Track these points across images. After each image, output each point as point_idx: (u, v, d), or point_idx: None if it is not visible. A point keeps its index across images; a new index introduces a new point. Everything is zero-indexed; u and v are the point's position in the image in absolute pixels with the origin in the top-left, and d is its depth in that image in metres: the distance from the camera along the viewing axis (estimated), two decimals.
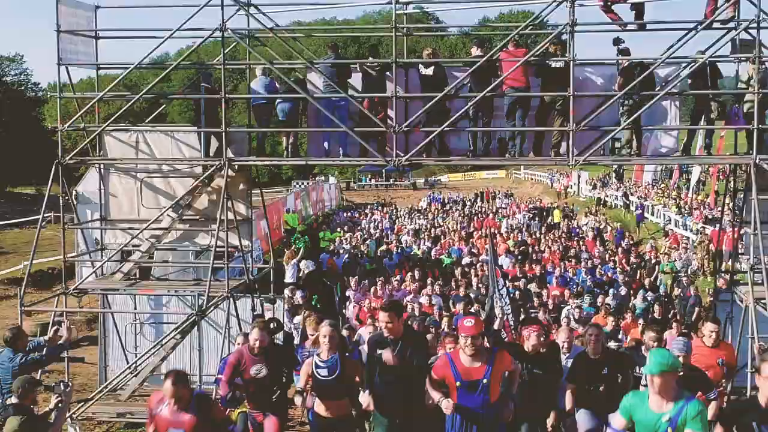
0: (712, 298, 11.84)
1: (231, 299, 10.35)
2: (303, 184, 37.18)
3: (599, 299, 13.46)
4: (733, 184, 10.62)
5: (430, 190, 46.10)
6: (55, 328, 8.38)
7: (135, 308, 11.65)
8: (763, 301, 8.91)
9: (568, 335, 7.57)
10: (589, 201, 37.02)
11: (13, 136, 53.32)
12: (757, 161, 8.95)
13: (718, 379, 7.17)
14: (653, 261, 19.63)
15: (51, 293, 19.34)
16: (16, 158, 52.52)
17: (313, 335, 7.15)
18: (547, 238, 24.03)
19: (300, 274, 15.73)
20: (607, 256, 19.49)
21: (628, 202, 31.17)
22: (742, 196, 10.09)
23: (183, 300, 11.50)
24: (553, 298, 13.35)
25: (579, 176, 40.18)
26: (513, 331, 7.51)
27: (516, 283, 14.64)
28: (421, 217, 30.55)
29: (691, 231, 23.17)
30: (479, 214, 31.00)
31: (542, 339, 6.79)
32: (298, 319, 12.00)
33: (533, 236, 24.14)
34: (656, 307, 13.00)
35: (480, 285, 14.84)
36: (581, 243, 23.08)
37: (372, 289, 14.13)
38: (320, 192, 37.26)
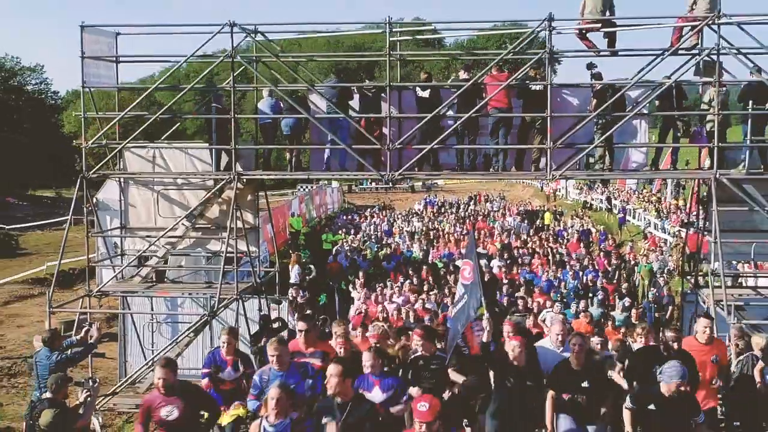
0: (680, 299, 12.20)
1: (240, 300, 10.55)
2: (307, 188, 37.33)
3: (581, 304, 13.30)
4: (698, 195, 10.96)
5: (427, 193, 46.14)
6: (86, 328, 8.74)
7: (152, 309, 11.77)
8: (722, 302, 9.27)
9: (561, 328, 7.10)
10: (576, 204, 37.17)
11: (33, 142, 53.37)
12: (717, 176, 9.31)
13: (714, 375, 6.89)
14: (632, 262, 19.94)
15: (72, 292, 19.63)
16: (36, 163, 52.63)
17: (273, 356, 6.27)
18: (533, 239, 24.18)
19: (303, 276, 16.01)
20: (586, 260, 19.36)
21: (611, 206, 31.37)
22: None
23: (196, 301, 11.60)
24: (537, 305, 12.80)
25: (567, 180, 40.31)
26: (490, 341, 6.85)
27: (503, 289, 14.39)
28: (417, 219, 30.40)
29: (669, 234, 23.38)
30: (471, 217, 30.93)
31: (523, 353, 6.36)
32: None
33: (520, 238, 24.08)
34: (633, 311, 12.93)
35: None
36: (565, 245, 23.16)
37: (373, 296, 13.99)
38: (323, 195, 37.27)
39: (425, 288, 15.14)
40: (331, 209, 37.16)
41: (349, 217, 33.03)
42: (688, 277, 11.57)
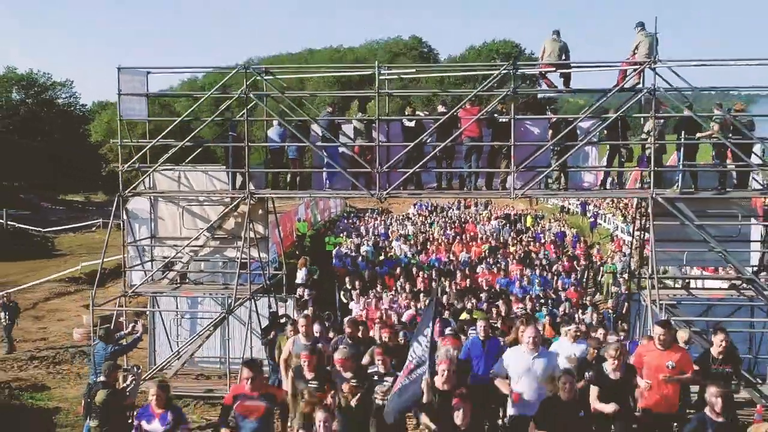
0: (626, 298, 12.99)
1: (252, 300, 11.19)
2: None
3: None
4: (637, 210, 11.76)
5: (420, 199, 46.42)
6: (132, 324, 9.68)
7: (177, 307, 12.35)
8: (659, 301, 10.08)
9: (534, 332, 6.64)
10: (555, 208, 37.88)
11: (63, 151, 54.03)
12: (653, 195, 10.14)
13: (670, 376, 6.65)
14: (598, 263, 20.76)
15: (104, 289, 20.29)
16: (65, 169, 53.26)
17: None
18: (515, 240, 24.81)
19: (308, 277, 16.66)
20: (557, 264, 19.74)
21: (585, 211, 31.98)
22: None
23: (215, 300, 12.10)
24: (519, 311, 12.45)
25: None
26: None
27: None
28: (411, 223, 30.43)
29: (633, 237, 23.97)
30: (459, 220, 31.13)
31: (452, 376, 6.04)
32: (306, 313, 12.92)
33: (499, 241, 24.49)
34: (595, 315, 13.30)
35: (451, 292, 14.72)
36: (543, 246, 23.75)
37: (372, 302, 14.35)
38: (327, 200, 37.80)
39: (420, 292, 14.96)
40: (334, 213, 37.57)
41: (351, 220, 33.05)
42: (634, 279, 12.43)
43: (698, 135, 10.30)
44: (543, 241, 25.38)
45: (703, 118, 10.22)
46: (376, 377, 6.65)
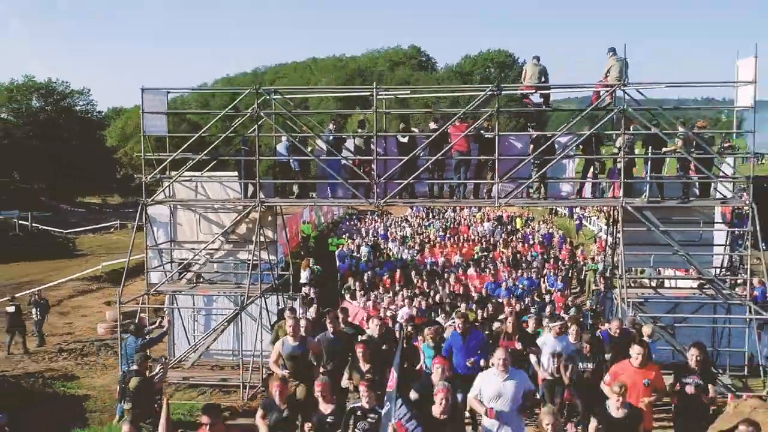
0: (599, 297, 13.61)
1: (262, 297, 11.82)
2: None
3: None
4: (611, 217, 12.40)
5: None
6: (159, 320, 10.34)
7: (193, 304, 12.91)
8: (628, 299, 10.69)
9: (503, 355, 6.32)
10: (545, 210, 38.28)
11: (80, 155, 54.58)
12: (623, 204, 10.75)
13: (647, 395, 6.69)
14: (581, 263, 21.36)
15: (124, 287, 20.86)
16: (82, 173, 53.82)
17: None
18: (505, 242, 25.27)
19: (312, 276, 17.25)
20: (546, 266, 19.97)
21: (572, 213, 32.33)
22: None
23: (228, 298, 12.56)
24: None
25: None
26: None
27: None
28: (408, 225, 30.56)
29: (606, 242, 24.25)
30: (454, 222, 31.32)
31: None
32: (311, 310, 13.20)
33: (491, 243, 24.84)
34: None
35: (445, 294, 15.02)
36: (531, 248, 24.19)
37: (371, 303, 14.34)
38: None
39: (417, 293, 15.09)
40: (337, 214, 37.86)
41: (352, 222, 33.09)
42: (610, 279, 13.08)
43: (664, 149, 10.97)
44: (532, 242, 25.76)
45: (668, 134, 10.89)
46: (359, 412, 6.04)
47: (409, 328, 10.34)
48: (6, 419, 5.44)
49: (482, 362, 8.04)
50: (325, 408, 6.26)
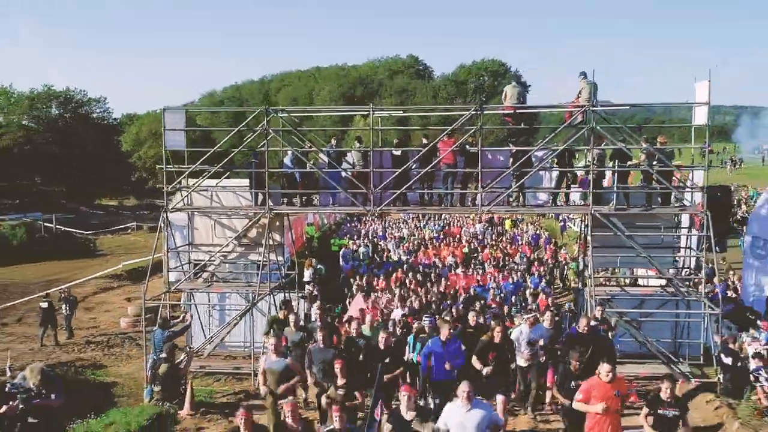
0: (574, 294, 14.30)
1: (271, 294, 12.50)
2: None
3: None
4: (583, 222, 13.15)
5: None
6: (183, 315, 11.08)
7: (209, 301, 13.58)
8: (596, 296, 11.42)
9: (467, 387, 6.21)
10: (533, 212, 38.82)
11: (98, 160, 55.24)
12: (591, 211, 11.47)
13: (617, 407, 6.91)
14: (563, 262, 22.08)
15: (143, 284, 21.44)
16: (100, 177, 54.52)
17: None
18: (494, 243, 25.98)
19: (315, 275, 17.91)
20: (532, 267, 20.38)
21: (558, 215, 32.83)
22: None
23: (240, 295, 13.14)
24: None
25: None
26: None
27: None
28: (405, 226, 31.12)
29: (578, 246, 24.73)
30: (449, 224, 31.91)
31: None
32: (315, 306, 13.98)
33: (481, 243, 25.39)
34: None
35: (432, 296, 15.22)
36: (519, 248, 24.80)
37: (370, 302, 14.43)
38: None
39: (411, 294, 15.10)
40: (339, 216, 38.24)
41: (353, 223, 33.46)
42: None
43: (629, 163, 11.68)
44: (520, 242, 26.34)
45: (633, 150, 11.66)
46: None
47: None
48: (64, 399, 6.09)
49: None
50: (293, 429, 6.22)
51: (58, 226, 32.16)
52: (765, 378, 9.06)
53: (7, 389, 5.91)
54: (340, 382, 7.22)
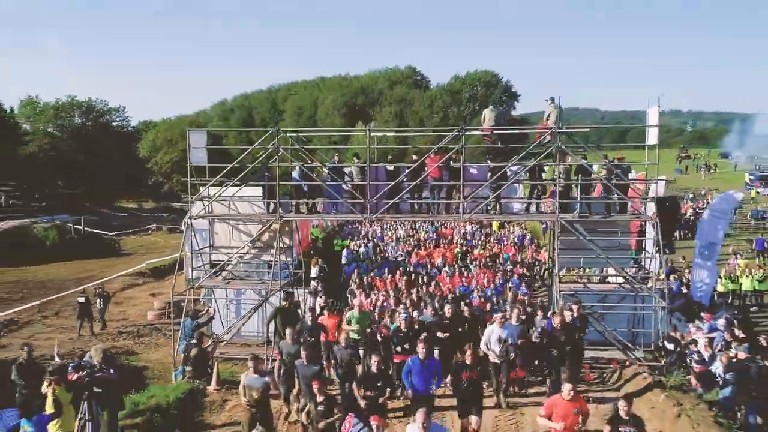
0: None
1: (281, 290, 13.26)
2: None
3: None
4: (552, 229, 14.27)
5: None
6: (207, 308, 12.13)
7: (227, 296, 14.55)
8: (561, 292, 12.57)
9: (423, 417, 6.25)
10: None
11: (117, 165, 56.45)
12: (558, 219, 12.64)
13: (577, 422, 7.06)
14: (543, 261, 23.06)
15: (165, 281, 22.51)
16: (119, 181, 55.66)
17: None
18: (483, 243, 26.89)
19: (320, 272, 18.84)
20: (514, 269, 20.73)
21: None
22: None
23: (254, 291, 14.02)
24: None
25: None
26: None
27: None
28: (402, 228, 31.34)
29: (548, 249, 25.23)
30: (443, 225, 31.85)
31: None
32: (320, 299, 14.76)
33: (469, 244, 26.13)
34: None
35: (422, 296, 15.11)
36: (504, 248, 25.63)
37: (368, 301, 15.17)
38: None
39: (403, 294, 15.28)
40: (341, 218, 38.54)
41: (354, 225, 32.63)
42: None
43: (593, 176, 12.83)
44: (505, 243, 27.05)
45: (593, 166, 12.78)
46: None
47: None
48: (117, 375, 7.17)
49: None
50: None
51: (85, 228, 33.15)
52: (696, 361, 10.18)
53: (74, 365, 7.04)
54: (319, 399, 7.34)
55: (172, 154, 56.71)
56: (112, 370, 7.14)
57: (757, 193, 40.48)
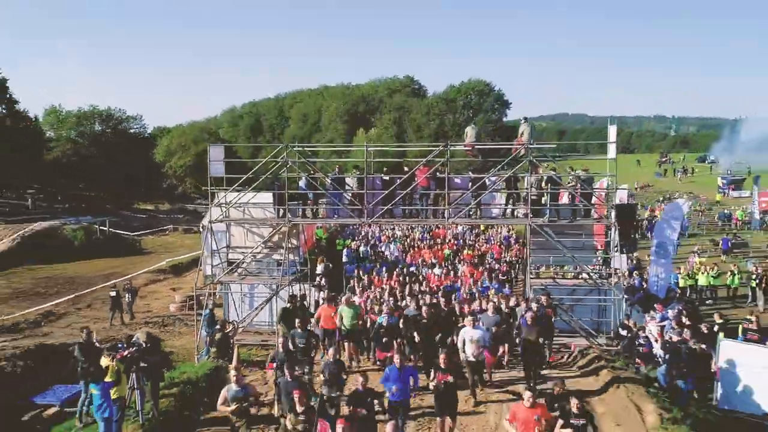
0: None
1: (290, 285, 14.60)
2: None
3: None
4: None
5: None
6: (223, 321, 13.25)
7: (241, 290, 15.52)
8: (532, 286, 13.77)
9: (392, 428, 6.45)
10: None
11: (135, 169, 57.58)
12: (530, 222, 13.74)
13: (539, 427, 7.08)
14: (523, 259, 24.09)
15: (184, 277, 23.67)
16: (136, 185, 56.81)
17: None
18: (472, 243, 27.92)
19: (324, 269, 19.94)
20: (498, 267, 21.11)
21: None
22: None
23: (266, 286, 14.64)
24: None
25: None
26: None
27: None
28: (398, 229, 31.69)
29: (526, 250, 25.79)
30: (436, 227, 33.10)
31: None
32: (323, 293, 15.94)
33: (459, 244, 27.00)
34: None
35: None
36: (490, 247, 26.49)
37: (365, 297, 15.98)
38: None
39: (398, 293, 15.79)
40: None
41: (355, 226, 35.06)
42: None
43: (559, 187, 14.07)
44: (492, 242, 27.96)
45: (561, 176, 13.99)
46: None
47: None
48: (159, 353, 8.29)
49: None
50: None
51: (109, 229, 34.28)
52: (641, 345, 11.41)
53: (122, 345, 8.29)
54: (299, 409, 7.25)
55: (185, 158, 57.91)
56: (154, 349, 8.35)
57: (723, 195, 41.60)
